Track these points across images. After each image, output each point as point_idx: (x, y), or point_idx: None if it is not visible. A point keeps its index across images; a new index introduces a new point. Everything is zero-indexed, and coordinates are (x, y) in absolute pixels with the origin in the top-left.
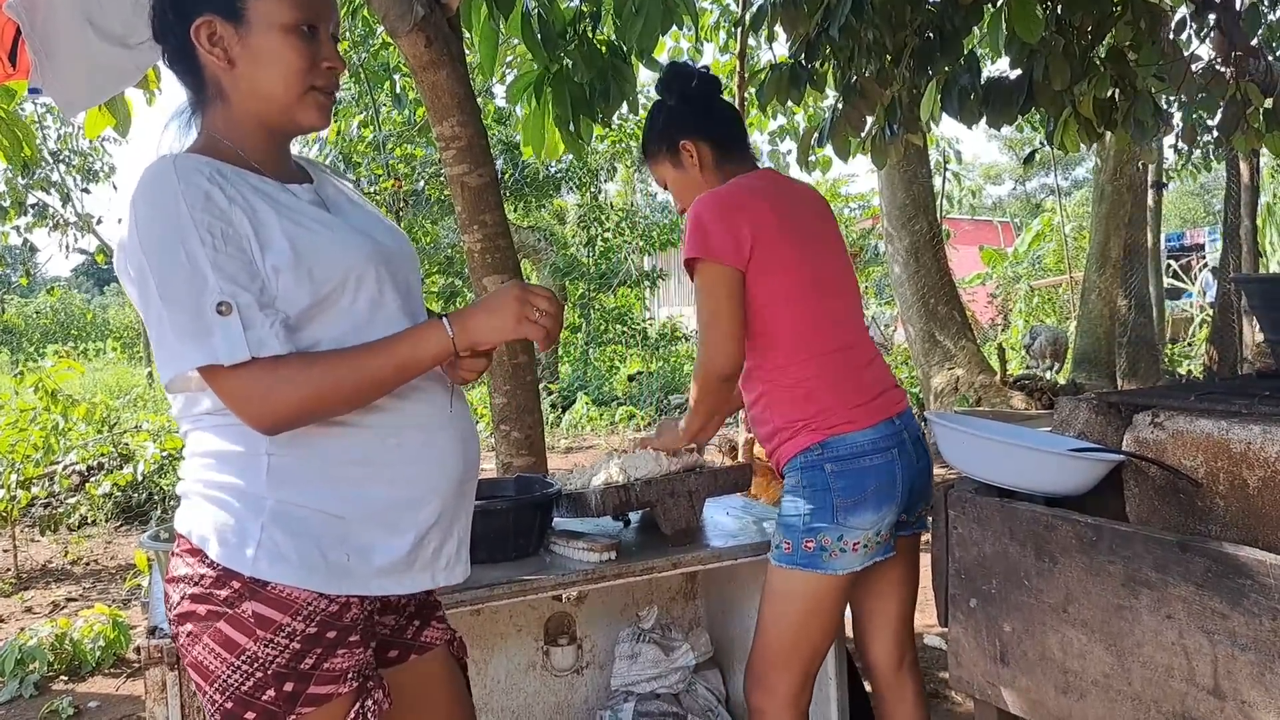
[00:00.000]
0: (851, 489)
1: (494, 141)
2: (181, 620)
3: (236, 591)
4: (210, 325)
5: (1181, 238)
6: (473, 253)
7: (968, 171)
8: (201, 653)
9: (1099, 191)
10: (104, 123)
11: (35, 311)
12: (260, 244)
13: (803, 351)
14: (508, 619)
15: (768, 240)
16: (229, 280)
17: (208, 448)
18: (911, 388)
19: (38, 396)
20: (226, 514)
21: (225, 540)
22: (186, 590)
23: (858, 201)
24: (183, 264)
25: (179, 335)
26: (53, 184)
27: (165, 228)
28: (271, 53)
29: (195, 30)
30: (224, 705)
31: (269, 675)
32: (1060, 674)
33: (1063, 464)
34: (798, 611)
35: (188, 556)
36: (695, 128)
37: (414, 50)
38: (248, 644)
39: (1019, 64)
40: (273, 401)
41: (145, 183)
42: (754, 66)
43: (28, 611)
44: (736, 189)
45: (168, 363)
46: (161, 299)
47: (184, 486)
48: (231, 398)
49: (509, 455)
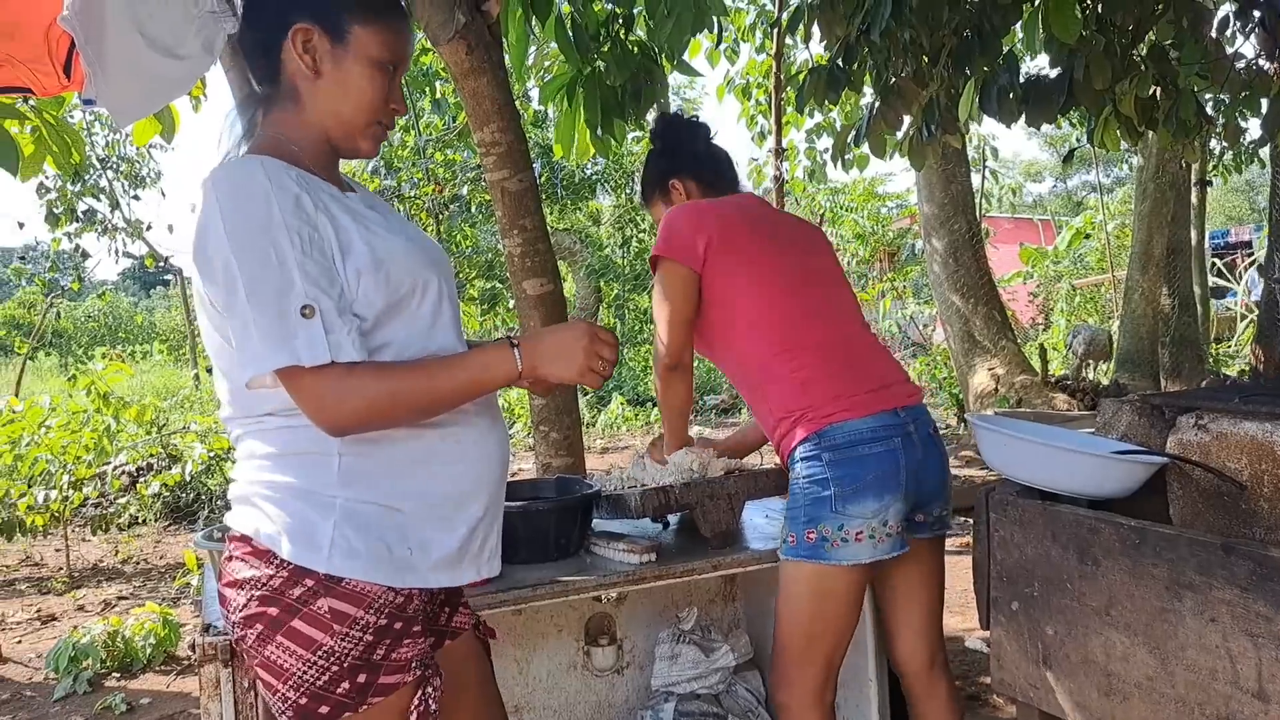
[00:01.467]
0: (849, 478)
1: (531, 145)
2: (249, 622)
3: (310, 589)
4: (294, 327)
5: (1226, 235)
6: (513, 257)
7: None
8: (275, 652)
9: (1141, 189)
10: (152, 130)
11: (85, 315)
12: (341, 249)
13: (787, 344)
14: (549, 619)
15: (731, 242)
16: (313, 284)
17: (272, 449)
18: (951, 388)
19: (90, 399)
20: (297, 514)
21: (298, 540)
22: (254, 593)
23: (895, 200)
24: (272, 265)
25: (263, 335)
26: (101, 190)
27: (255, 227)
28: (356, 80)
29: (294, 32)
30: (297, 702)
31: (344, 668)
32: (1103, 677)
33: (1105, 466)
34: (808, 604)
35: (252, 559)
36: (684, 168)
37: (455, 58)
38: (324, 639)
39: (1059, 63)
40: (345, 406)
41: (233, 179)
42: (790, 66)
43: (80, 610)
44: (711, 200)
45: (250, 362)
46: (248, 298)
47: (241, 489)
48: (306, 400)
49: (548, 456)
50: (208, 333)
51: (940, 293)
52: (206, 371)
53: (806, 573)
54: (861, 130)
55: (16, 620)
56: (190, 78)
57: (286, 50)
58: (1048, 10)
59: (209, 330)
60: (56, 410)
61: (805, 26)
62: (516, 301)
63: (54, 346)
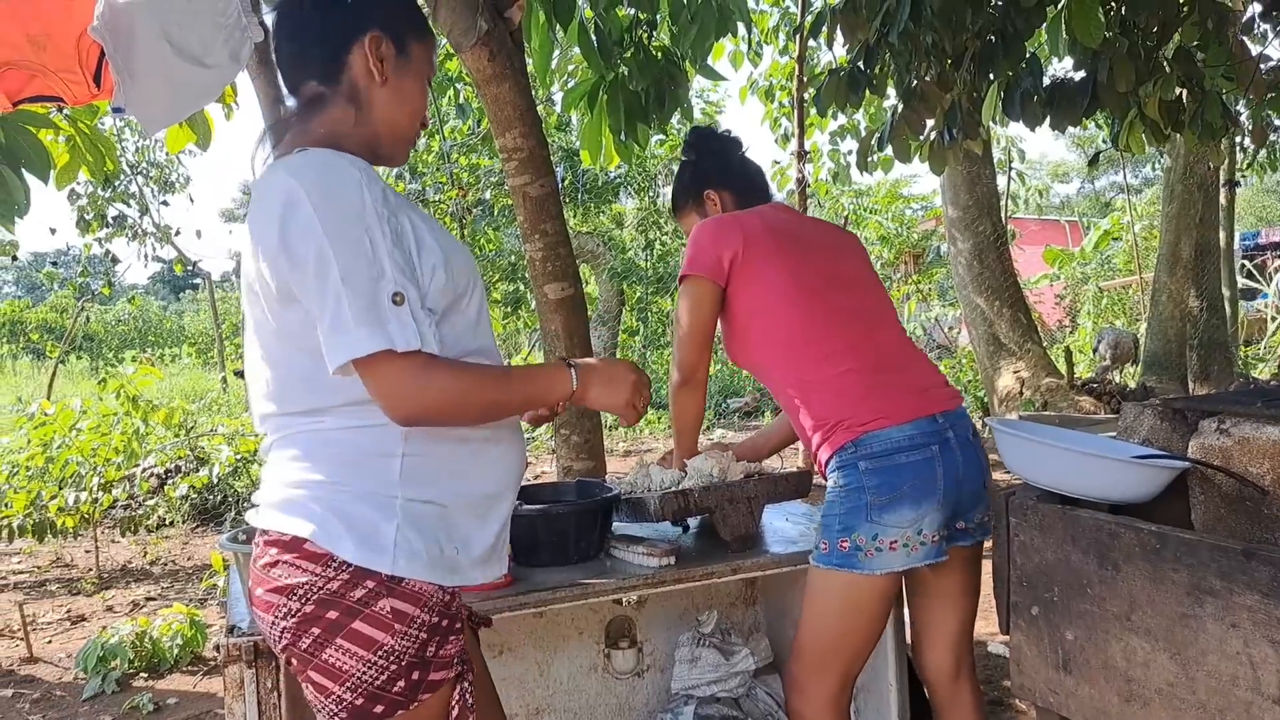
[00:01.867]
0: (886, 486)
1: (554, 148)
2: (303, 628)
3: (371, 591)
4: (385, 314)
5: (1257, 236)
6: (534, 261)
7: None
8: (333, 655)
9: (1169, 190)
10: (186, 138)
11: (115, 319)
12: (417, 245)
13: (822, 352)
14: (569, 622)
15: (757, 252)
16: (401, 273)
17: (329, 450)
18: (976, 391)
19: (119, 402)
20: (359, 516)
21: (364, 542)
22: (309, 596)
23: (920, 202)
24: (365, 251)
25: (358, 320)
26: (131, 196)
27: (349, 214)
28: (411, 93)
29: (371, 38)
30: (353, 703)
31: (402, 667)
32: (1123, 682)
33: (1126, 471)
34: (836, 613)
35: (304, 563)
36: (718, 179)
37: (478, 64)
38: (385, 639)
39: (1083, 65)
40: (424, 396)
41: (321, 168)
42: (813, 69)
43: (109, 610)
44: (737, 213)
45: (344, 347)
46: (343, 281)
47: (285, 491)
48: (388, 385)
49: (569, 459)
50: (261, 325)
51: (965, 295)
52: (235, 375)
53: (837, 582)
54: (885, 134)
55: (47, 620)
56: (217, 86)
57: (356, 53)
58: (1070, 13)
59: (264, 323)
60: (87, 413)
61: (828, 29)
62: (538, 305)
63: (85, 350)
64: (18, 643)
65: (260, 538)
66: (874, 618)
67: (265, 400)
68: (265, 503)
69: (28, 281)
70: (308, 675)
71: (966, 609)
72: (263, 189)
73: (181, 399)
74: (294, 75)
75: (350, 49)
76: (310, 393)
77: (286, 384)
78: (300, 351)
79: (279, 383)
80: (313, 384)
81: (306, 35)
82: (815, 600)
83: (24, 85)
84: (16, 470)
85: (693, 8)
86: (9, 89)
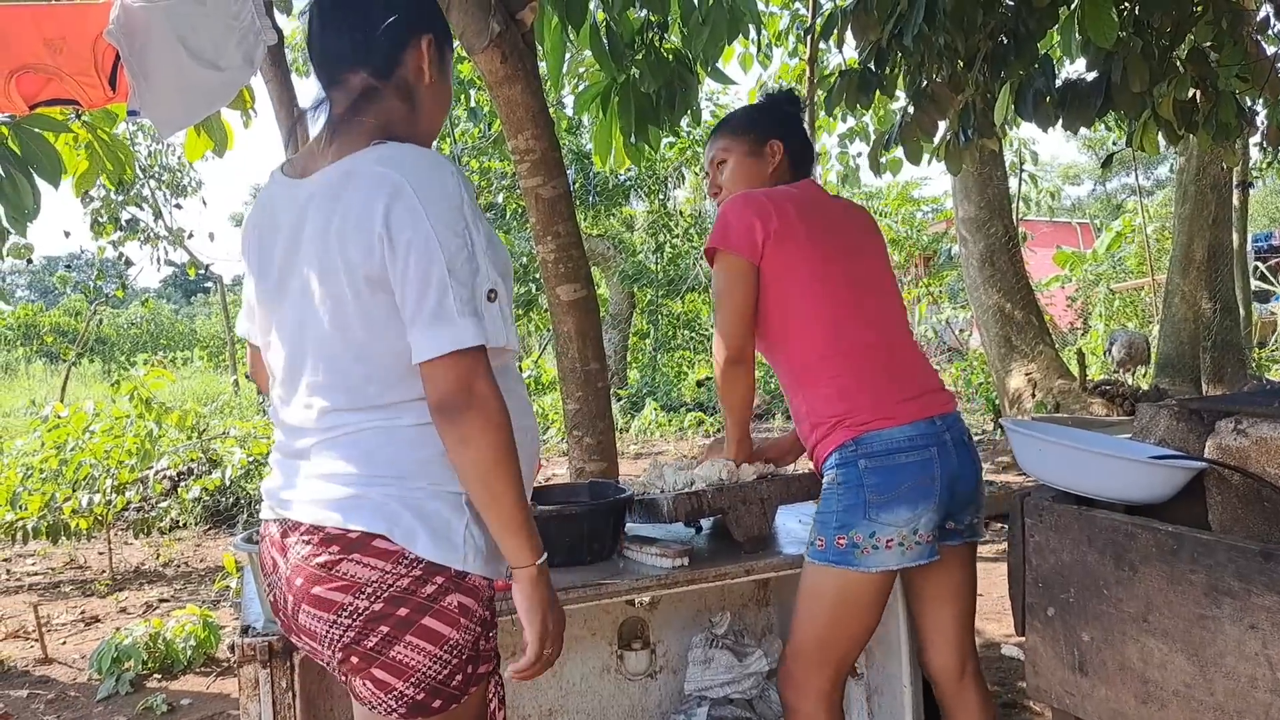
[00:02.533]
0: (885, 485)
1: (565, 151)
2: (372, 624)
3: (441, 586)
4: (482, 309)
5: (1270, 238)
6: (546, 262)
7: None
8: (402, 651)
9: (1182, 192)
10: (203, 146)
11: (128, 322)
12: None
13: (834, 347)
14: (582, 623)
15: (787, 237)
16: (495, 270)
17: (403, 447)
18: (987, 393)
19: (132, 405)
20: (434, 513)
21: (438, 538)
22: (379, 593)
23: (931, 205)
24: (466, 246)
25: (462, 311)
26: (144, 199)
27: (452, 208)
28: (446, 97)
29: (429, 39)
30: (415, 698)
31: (462, 660)
32: (1140, 684)
33: (1143, 471)
34: (830, 609)
35: (373, 560)
36: (789, 133)
37: (490, 66)
38: (451, 634)
39: (1096, 66)
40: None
41: (423, 163)
42: (823, 71)
43: (122, 612)
44: (766, 191)
45: (448, 337)
46: (450, 273)
47: (347, 489)
48: (465, 376)
49: (582, 460)
50: (337, 314)
51: (976, 297)
52: (246, 378)
53: (832, 578)
54: (895, 136)
55: (61, 622)
56: (231, 88)
57: (411, 51)
58: (1084, 13)
59: (342, 312)
60: (100, 415)
61: (839, 31)
62: (550, 307)
63: (98, 353)
64: (32, 644)
65: (310, 535)
66: (867, 614)
67: (328, 392)
68: (321, 499)
69: (41, 285)
70: (369, 673)
71: (963, 609)
72: (353, 177)
73: (194, 402)
74: (340, 65)
75: (409, 47)
76: (388, 386)
77: (363, 377)
78: (384, 342)
79: (355, 375)
80: (394, 376)
81: (370, 27)
82: (810, 596)
83: (40, 89)
84: (31, 473)
85: (704, 10)
86: (26, 92)
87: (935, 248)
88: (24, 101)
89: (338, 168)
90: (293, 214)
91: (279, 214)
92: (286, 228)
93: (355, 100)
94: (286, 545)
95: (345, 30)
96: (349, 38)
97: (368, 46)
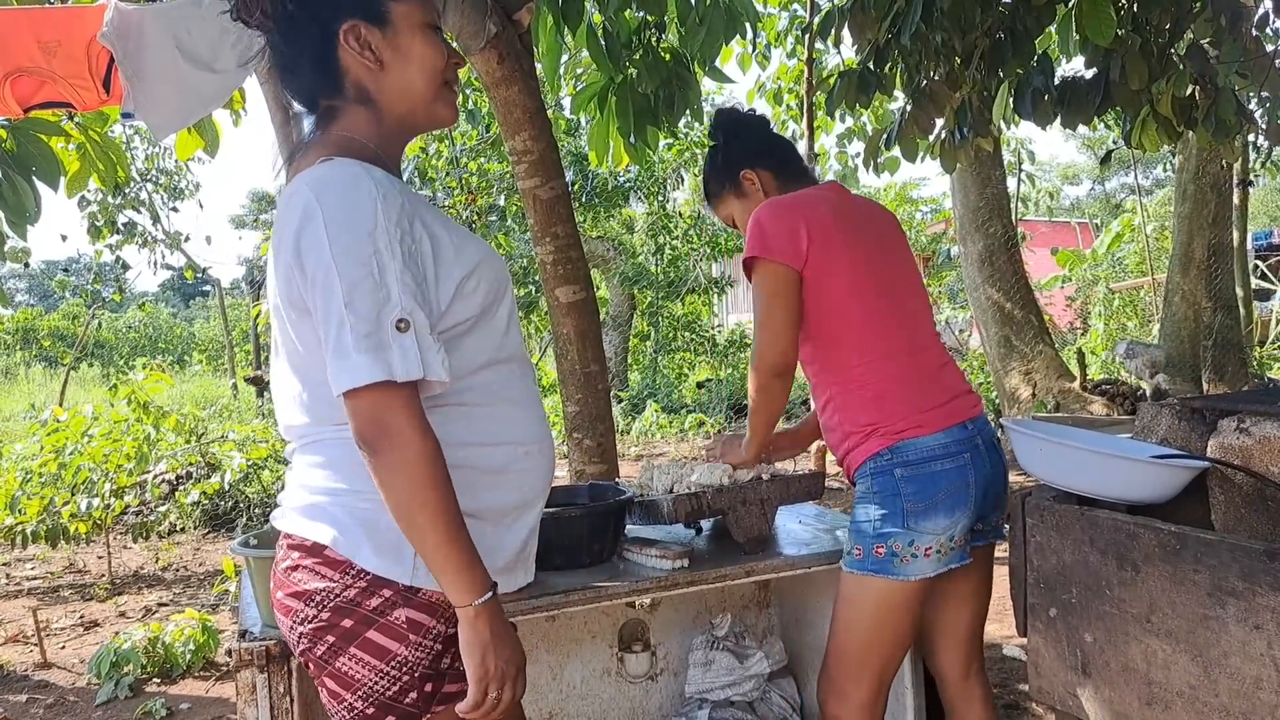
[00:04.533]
0: (922, 494)
1: (564, 153)
2: (319, 634)
3: (388, 600)
4: (388, 340)
5: (1270, 236)
6: (545, 264)
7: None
8: (347, 663)
9: (1181, 190)
10: (194, 145)
11: (126, 326)
12: (436, 261)
13: (869, 354)
14: (582, 625)
15: (826, 242)
16: (410, 297)
17: (356, 458)
18: (987, 393)
19: (130, 409)
20: (380, 526)
21: (383, 551)
22: (326, 604)
23: (929, 205)
24: (372, 274)
25: (358, 346)
26: (141, 203)
27: (359, 234)
28: (418, 50)
29: (344, 34)
30: (365, 712)
31: (415, 677)
32: (1144, 685)
33: (1145, 471)
34: (870, 618)
35: (323, 569)
36: (754, 157)
37: (487, 67)
38: (399, 649)
39: (1094, 63)
40: (397, 448)
41: (338, 183)
42: (821, 71)
43: (121, 616)
44: (797, 195)
45: (345, 372)
46: (347, 306)
47: (310, 497)
48: (369, 413)
49: (582, 463)
50: (284, 333)
51: (976, 297)
52: (245, 381)
53: (872, 587)
54: (893, 134)
55: (60, 626)
56: (225, 91)
57: (342, 54)
58: (1081, 11)
59: (285, 332)
60: (99, 419)
61: (836, 31)
62: (549, 308)
63: (96, 357)
64: (31, 648)
65: (283, 540)
66: (907, 621)
67: (293, 410)
68: (289, 506)
69: (40, 289)
70: (323, 681)
71: (979, 607)
72: (285, 200)
73: (192, 405)
74: (301, 96)
75: (336, 53)
76: (334, 406)
77: (312, 396)
78: (319, 365)
79: (304, 394)
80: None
81: (291, 58)
82: (849, 606)
83: (35, 91)
84: (30, 477)
85: (701, 10)
86: (20, 95)
87: (934, 248)
88: (18, 104)
89: (288, 188)
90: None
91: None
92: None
93: (318, 121)
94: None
95: (287, 73)
96: (291, 80)
97: (301, 76)
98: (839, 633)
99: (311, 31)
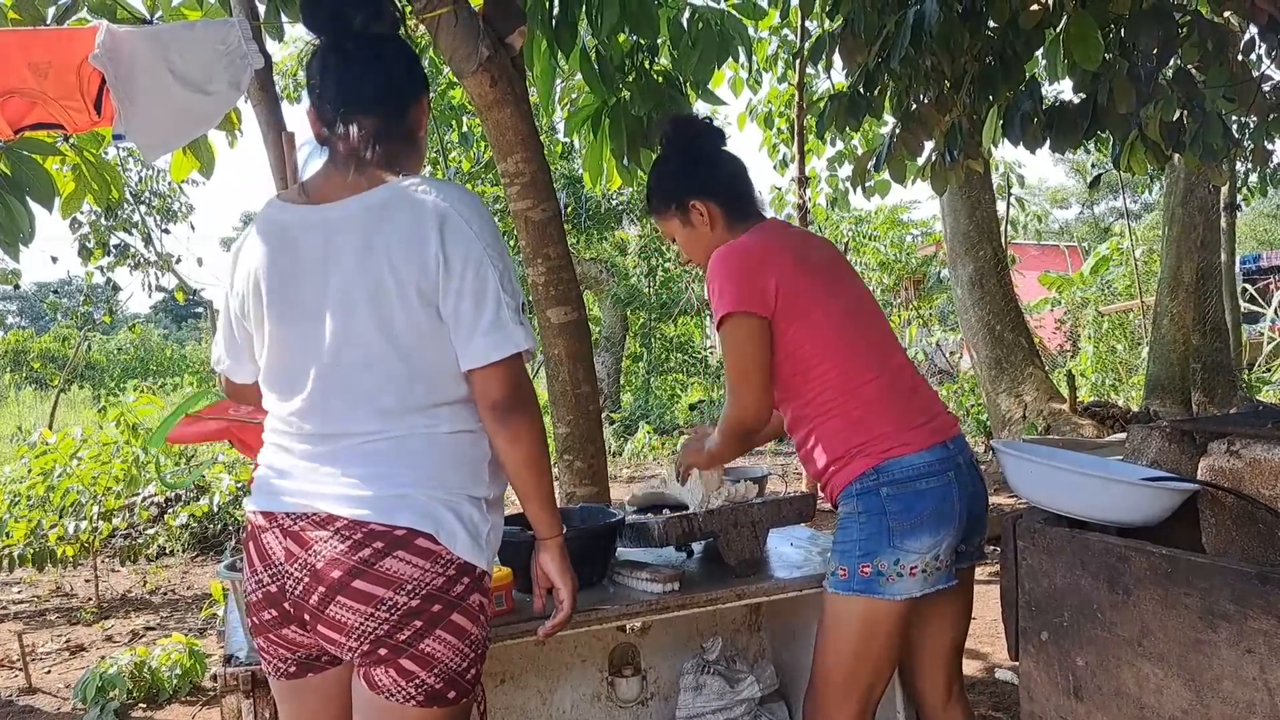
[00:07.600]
0: (907, 512)
1: (557, 176)
2: (407, 619)
3: (468, 586)
4: (522, 319)
5: (1258, 260)
6: (537, 285)
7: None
8: (431, 644)
9: (1169, 214)
10: (190, 166)
11: (116, 348)
12: None
13: (847, 381)
14: (572, 649)
15: (792, 284)
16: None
17: (443, 452)
18: (978, 415)
19: (119, 431)
20: (467, 514)
21: (474, 539)
22: (419, 590)
23: (920, 228)
24: (509, 267)
25: (515, 319)
26: (134, 225)
27: (494, 234)
28: (424, 151)
29: (427, 99)
30: (434, 687)
31: (477, 655)
32: (1136, 709)
33: (1136, 493)
34: (856, 639)
35: (415, 558)
36: (703, 187)
37: (479, 90)
38: (474, 630)
39: (1082, 87)
40: (532, 406)
41: (464, 195)
42: (811, 95)
43: (108, 640)
44: (755, 240)
45: (508, 340)
46: (502, 289)
47: (400, 489)
48: (517, 378)
49: (572, 485)
50: (384, 324)
51: (966, 319)
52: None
53: (857, 607)
54: (882, 157)
55: (46, 650)
56: (217, 112)
57: (415, 104)
58: (1069, 36)
59: (387, 321)
60: (87, 442)
61: (827, 55)
62: (541, 330)
63: (87, 379)
64: (16, 673)
65: (351, 530)
66: (892, 642)
67: (374, 396)
68: (363, 496)
69: (31, 311)
70: (396, 663)
71: (961, 630)
72: (396, 202)
73: None
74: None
75: (418, 99)
76: (432, 389)
77: (411, 377)
78: (431, 349)
79: (402, 377)
80: (437, 380)
81: (392, 76)
82: (834, 626)
83: (26, 113)
84: (17, 499)
85: (693, 33)
86: (11, 117)
87: (925, 270)
88: (9, 126)
89: (375, 194)
90: (318, 236)
91: (297, 236)
92: (310, 248)
93: (372, 138)
94: (310, 538)
95: (368, 75)
96: (372, 82)
97: (388, 92)
98: (824, 655)
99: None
